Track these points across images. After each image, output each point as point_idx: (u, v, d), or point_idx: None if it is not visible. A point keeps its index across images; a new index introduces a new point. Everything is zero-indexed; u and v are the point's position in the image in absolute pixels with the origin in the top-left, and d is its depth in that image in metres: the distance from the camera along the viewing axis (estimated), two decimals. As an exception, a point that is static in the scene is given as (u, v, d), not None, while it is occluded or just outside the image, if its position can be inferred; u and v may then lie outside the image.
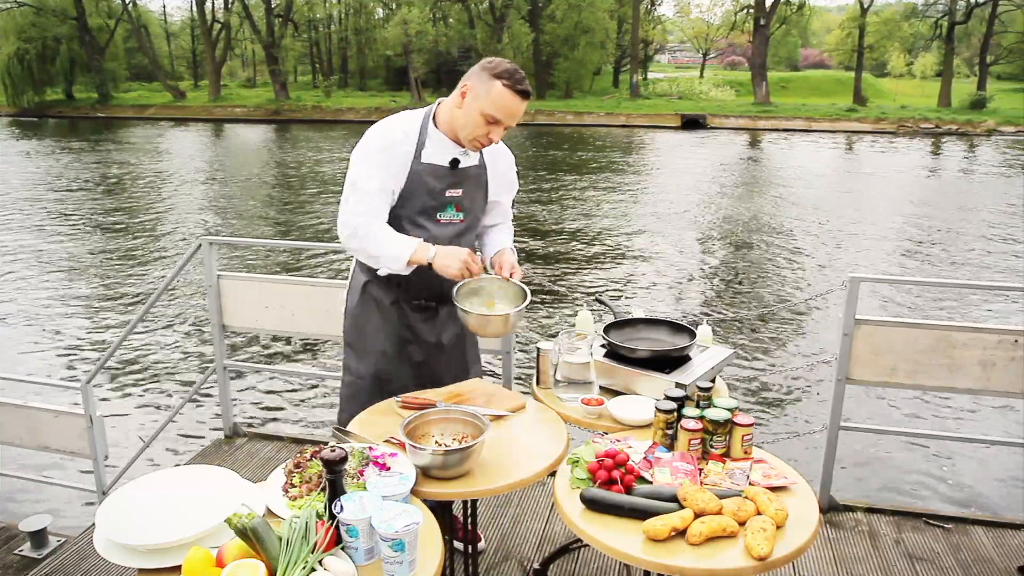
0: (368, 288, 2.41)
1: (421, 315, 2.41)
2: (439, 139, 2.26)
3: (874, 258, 10.84)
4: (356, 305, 2.44)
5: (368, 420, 2.19)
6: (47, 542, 3.27)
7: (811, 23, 49.28)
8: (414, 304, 2.40)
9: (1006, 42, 39.01)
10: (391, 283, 2.37)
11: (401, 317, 2.40)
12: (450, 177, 2.29)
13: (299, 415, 6.00)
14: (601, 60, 43.32)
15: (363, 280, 2.42)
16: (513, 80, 2.13)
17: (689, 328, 2.48)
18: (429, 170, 2.25)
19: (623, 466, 1.81)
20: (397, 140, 2.24)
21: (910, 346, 2.92)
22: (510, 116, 2.17)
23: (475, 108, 2.16)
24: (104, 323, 8.06)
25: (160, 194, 16.03)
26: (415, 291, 2.37)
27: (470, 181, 2.34)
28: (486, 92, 2.14)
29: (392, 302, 2.39)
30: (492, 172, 2.41)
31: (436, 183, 2.27)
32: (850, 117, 31.23)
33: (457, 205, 2.33)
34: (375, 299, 2.40)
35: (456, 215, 2.34)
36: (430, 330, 2.43)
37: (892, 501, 4.47)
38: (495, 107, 2.14)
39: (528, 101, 2.18)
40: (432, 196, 2.28)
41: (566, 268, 10.19)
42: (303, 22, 42.69)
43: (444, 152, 2.26)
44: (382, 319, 2.40)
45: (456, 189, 2.31)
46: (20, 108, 36.85)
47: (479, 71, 2.17)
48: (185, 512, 1.69)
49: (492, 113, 2.15)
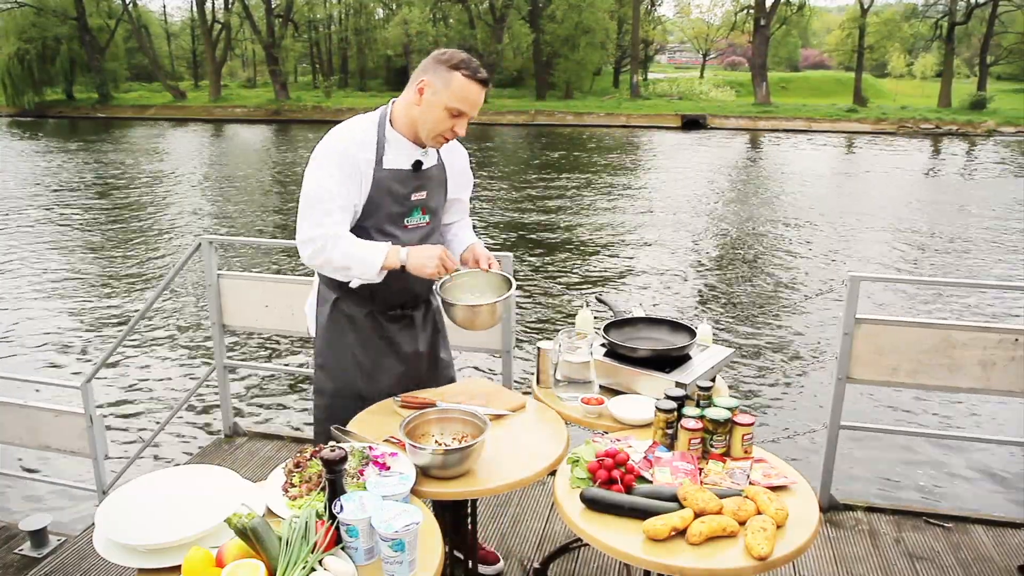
0: (339, 304, 2.30)
1: (398, 324, 2.34)
2: (398, 142, 2.19)
3: (874, 258, 10.84)
4: (327, 325, 2.32)
5: (368, 420, 2.19)
6: (47, 541, 3.27)
7: (811, 23, 49.27)
8: (389, 315, 2.32)
9: (1006, 42, 39.01)
10: (362, 296, 2.27)
11: (376, 329, 2.32)
12: (414, 180, 2.22)
13: (299, 415, 5.99)
14: (601, 60, 43.32)
15: (332, 297, 2.30)
16: (472, 69, 2.09)
17: (689, 327, 2.48)
18: (393, 176, 2.18)
19: (623, 465, 1.81)
20: (356, 149, 2.14)
21: (910, 345, 2.92)
22: (473, 106, 2.12)
23: (436, 103, 2.10)
24: (104, 322, 8.06)
25: (160, 194, 16.03)
26: (389, 300, 2.30)
27: (432, 182, 2.28)
28: (445, 85, 2.08)
29: (366, 314, 2.30)
30: (451, 170, 2.37)
31: (401, 188, 2.19)
32: (850, 118, 31.23)
33: (423, 208, 2.26)
34: (347, 315, 2.30)
35: (422, 218, 2.27)
36: (409, 339, 2.37)
37: (892, 500, 4.46)
38: (457, 99, 2.08)
39: (487, 88, 2.14)
40: (398, 202, 2.20)
41: (566, 268, 10.19)
42: (303, 22, 42.70)
43: (405, 155, 2.20)
44: (356, 335, 2.31)
45: (420, 192, 2.25)
46: (20, 108, 36.86)
47: (434, 64, 2.10)
48: (185, 512, 1.69)
49: (455, 106, 2.09)
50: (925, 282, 8.58)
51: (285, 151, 23.81)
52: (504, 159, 21.48)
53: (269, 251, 10.87)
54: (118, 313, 8.37)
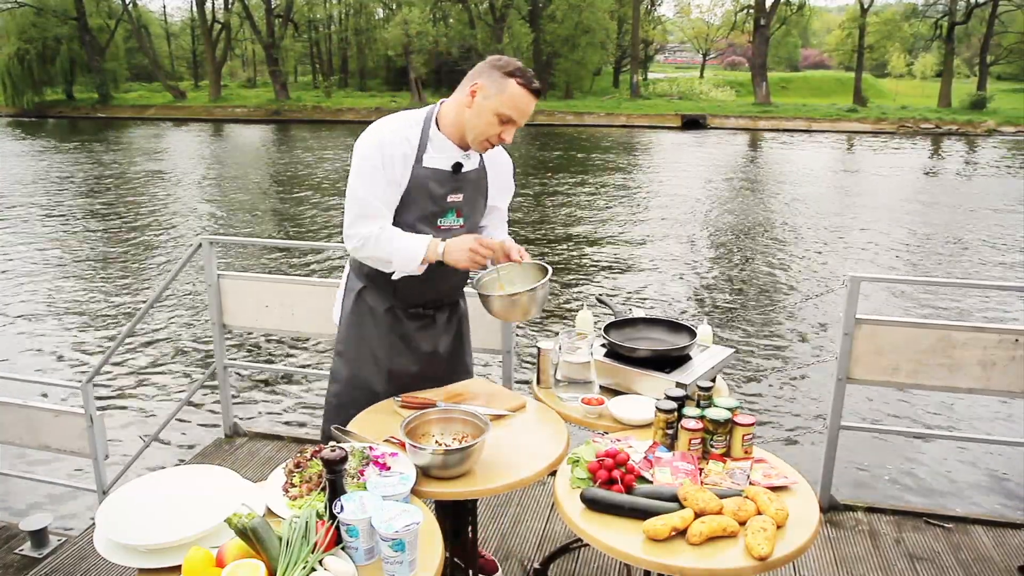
0: (363, 295, 2.34)
1: (417, 323, 2.36)
2: (441, 142, 2.20)
3: (874, 257, 10.84)
4: (350, 312, 2.37)
5: (368, 420, 2.19)
6: (47, 541, 3.27)
7: (811, 23, 49.35)
8: (410, 312, 2.34)
9: (1006, 42, 39.03)
10: (386, 290, 2.30)
11: (395, 326, 2.34)
12: (452, 182, 2.23)
13: (299, 415, 5.99)
14: (601, 60, 43.33)
15: (358, 287, 2.35)
16: (527, 78, 2.10)
17: (689, 327, 2.48)
18: (431, 175, 2.19)
19: (623, 466, 1.81)
20: (396, 144, 2.16)
21: (910, 346, 2.92)
22: (523, 115, 2.13)
23: (487, 108, 2.10)
24: (104, 322, 8.07)
25: (160, 194, 16.03)
26: (411, 297, 2.32)
27: (471, 186, 2.28)
28: (499, 91, 2.09)
29: (387, 309, 2.33)
30: (492, 176, 2.37)
31: (438, 188, 2.20)
32: (850, 117, 31.25)
33: (458, 211, 2.26)
34: (370, 306, 2.34)
35: (456, 220, 2.27)
36: (426, 339, 2.38)
37: (892, 501, 4.47)
38: (509, 106, 2.09)
39: (539, 98, 2.15)
40: (433, 202, 2.21)
41: (566, 268, 10.19)
42: (303, 22, 42.72)
43: (446, 156, 2.20)
44: (375, 328, 2.34)
45: (457, 194, 2.25)
46: (20, 108, 36.87)
47: (489, 69, 2.11)
48: (185, 512, 1.69)
49: (507, 112, 2.10)
50: (925, 282, 8.56)
51: (285, 151, 23.82)
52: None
53: (269, 251, 10.87)
54: (119, 313, 8.37)
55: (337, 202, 14.88)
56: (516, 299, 2.14)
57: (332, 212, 13.94)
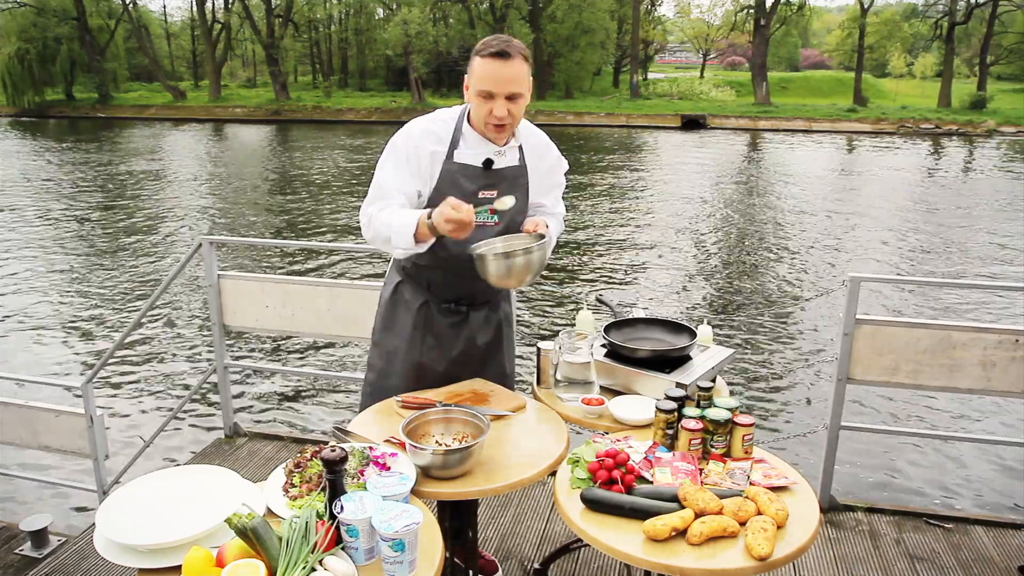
0: (400, 289, 2.39)
1: (450, 319, 2.36)
2: (473, 138, 2.20)
3: (875, 258, 10.84)
4: (387, 304, 2.42)
5: (368, 420, 2.19)
6: (47, 542, 3.27)
7: (811, 23, 49.34)
8: (443, 307, 2.34)
9: (1006, 42, 39.04)
10: (421, 285, 2.34)
11: (429, 320, 2.35)
12: (483, 178, 2.21)
13: (300, 415, 6.00)
14: (601, 60, 43.34)
15: (396, 280, 2.40)
16: (487, 47, 2.09)
17: (689, 328, 2.48)
18: (461, 170, 2.19)
19: (623, 466, 1.81)
20: (424, 140, 2.18)
21: (911, 346, 2.92)
22: (498, 83, 2.08)
23: (472, 92, 2.13)
24: (105, 323, 8.07)
25: (160, 194, 16.03)
26: (443, 292, 2.33)
27: (506, 183, 2.25)
28: (472, 72, 2.12)
29: (421, 304, 2.35)
30: (534, 172, 2.32)
31: (468, 184, 2.19)
32: (850, 117, 31.26)
33: (491, 208, 2.23)
34: (405, 300, 2.38)
35: (490, 218, 2.24)
36: (459, 336, 2.37)
37: (892, 501, 4.47)
38: (481, 80, 2.08)
39: (509, 60, 2.07)
40: (464, 198, 2.14)
41: (566, 268, 10.19)
42: (303, 22, 42.73)
43: (478, 152, 2.20)
44: (409, 320, 2.36)
45: (490, 191, 2.22)
46: (20, 108, 36.89)
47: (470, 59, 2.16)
48: (185, 512, 1.69)
49: (482, 88, 2.08)
50: (925, 283, 8.58)
51: (285, 151, 23.82)
52: (504, 159, 21.38)
53: (270, 251, 10.87)
54: (119, 313, 8.37)
55: (338, 202, 14.89)
56: (511, 260, 2.06)
57: (333, 212, 13.95)
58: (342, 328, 3.47)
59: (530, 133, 2.34)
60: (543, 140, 2.37)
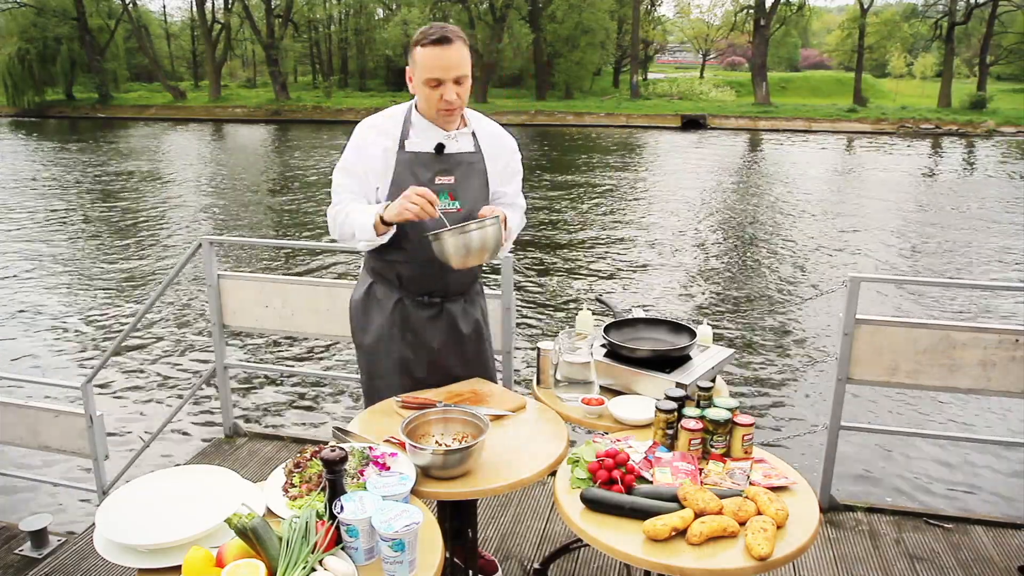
0: (372, 289, 2.40)
1: (426, 312, 2.37)
2: (423, 126, 2.25)
3: (875, 258, 10.84)
4: (357, 307, 2.44)
5: (368, 420, 2.19)
6: (47, 542, 3.27)
7: (811, 23, 49.36)
8: (417, 300, 2.36)
9: (1006, 42, 39.04)
10: (392, 281, 2.36)
11: (405, 317, 2.36)
12: (437, 164, 2.26)
13: (299, 415, 6.00)
14: (601, 60, 43.35)
15: (368, 282, 2.41)
16: (426, 36, 2.14)
17: (689, 328, 2.48)
18: (414, 159, 2.24)
19: (623, 466, 1.81)
20: (373, 136, 2.26)
21: (910, 346, 2.92)
22: (443, 69, 2.14)
23: (418, 82, 2.18)
24: (105, 323, 8.07)
25: (160, 194, 16.03)
26: (415, 286, 2.34)
27: (462, 168, 2.29)
28: (414, 62, 2.17)
29: (395, 301, 2.36)
30: (491, 159, 2.36)
31: (423, 171, 2.24)
32: (850, 118, 31.26)
33: (451, 193, 2.27)
34: (378, 299, 2.39)
35: (451, 204, 2.28)
36: (437, 330, 2.38)
37: (892, 501, 4.47)
38: (426, 68, 2.14)
39: (451, 45, 2.12)
40: (421, 185, 2.20)
41: (566, 268, 10.19)
42: (303, 23, 42.72)
43: (429, 139, 2.25)
44: (385, 319, 2.37)
45: (446, 176, 2.27)
46: (21, 108, 36.88)
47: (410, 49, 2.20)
48: (185, 512, 1.69)
49: (427, 76, 2.14)
50: (925, 283, 8.56)
51: (285, 151, 23.81)
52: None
53: (270, 251, 10.87)
54: (118, 313, 8.37)
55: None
56: (467, 235, 2.07)
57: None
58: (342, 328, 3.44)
59: (482, 121, 2.39)
60: (497, 128, 2.42)
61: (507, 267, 3.09)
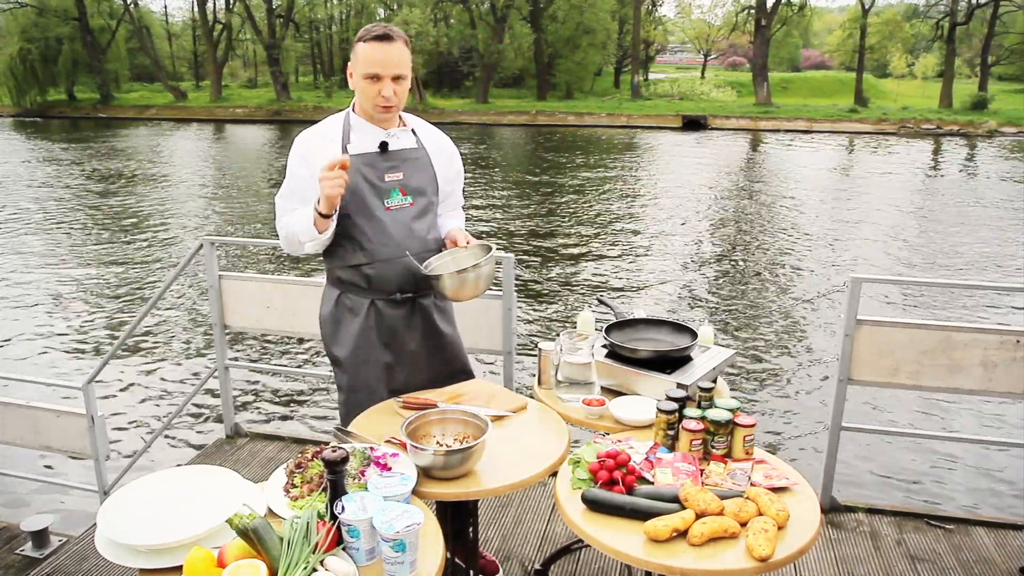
0: (341, 300, 2.37)
1: (400, 311, 2.35)
2: (364, 127, 2.28)
3: (875, 258, 10.84)
4: (328, 320, 2.41)
5: (369, 420, 2.19)
6: (48, 542, 3.27)
7: (812, 24, 49.28)
8: (390, 300, 2.33)
9: (1007, 43, 39.00)
10: (361, 285, 2.32)
11: (380, 320, 2.33)
12: (384, 162, 2.28)
13: (301, 415, 6.00)
14: (602, 61, 43.34)
15: (335, 294, 2.39)
16: (369, 32, 2.18)
17: (690, 328, 2.48)
18: (361, 160, 2.24)
19: (624, 467, 1.81)
20: (318, 140, 2.28)
21: (911, 347, 2.92)
22: (383, 65, 2.17)
23: (357, 78, 2.21)
24: (106, 323, 8.07)
25: (161, 194, 16.04)
26: (385, 284, 2.31)
27: (409, 163, 2.32)
28: (355, 59, 2.20)
29: (368, 306, 2.33)
30: (435, 155, 2.39)
31: (371, 171, 2.25)
32: (851, 118, 31.24)
33: (402, 189, 2.30)
34: (348, 308, 2.36)
35: (404, 199, 2.30)
36: (413, 328, 2.36)
37: (893, 502, 4.47)
38: (366, 63, 2.17)
39: (392, 43, 2.17)
40: (372, 184, 2.25)
41: (566, 269, 10.18)
42: (304, 23, 42.71)
43: (371, 138, 2.27)
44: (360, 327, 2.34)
45: (395, 172, 2.29)
46: (23, 108, 36.91)
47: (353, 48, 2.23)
48: (186, 512, 1.69)
49: (367, 71, 2.17)
50: (926, 283, 8.55)
51: (286, 151, 23.76)
52: (505, 159, 21.48)
53: (270, 252, 10.87)
54: (120, 314, 8.37)
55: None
56: (464, 275, 2.19)
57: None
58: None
59: (420, 122, 2.45)
60: (436, 130, 2.47)
61: (508, 267, 3.09)
